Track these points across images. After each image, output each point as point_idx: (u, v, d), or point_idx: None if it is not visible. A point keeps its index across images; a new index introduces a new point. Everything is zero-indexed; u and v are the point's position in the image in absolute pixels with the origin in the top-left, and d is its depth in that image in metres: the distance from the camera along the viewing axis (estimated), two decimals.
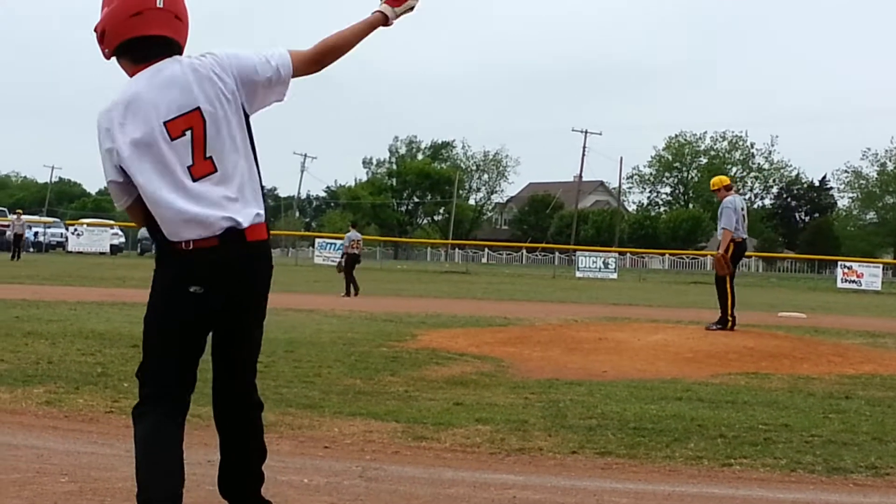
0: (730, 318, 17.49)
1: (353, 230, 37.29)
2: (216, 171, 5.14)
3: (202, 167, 5.10)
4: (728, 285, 17.66)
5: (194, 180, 5.08)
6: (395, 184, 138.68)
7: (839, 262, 67.23)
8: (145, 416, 5.16)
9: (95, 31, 5.21)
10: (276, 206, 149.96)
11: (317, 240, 78.84)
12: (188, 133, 5.07)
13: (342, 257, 35.57)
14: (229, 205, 5.14)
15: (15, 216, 60.31)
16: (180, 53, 5.26)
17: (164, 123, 5.03)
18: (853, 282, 61.60)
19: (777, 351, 15.30)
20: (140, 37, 5.12)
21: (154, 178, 5.03)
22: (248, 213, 5.20)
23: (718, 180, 18.89)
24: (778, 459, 8.21)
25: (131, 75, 5.16)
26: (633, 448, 8.53)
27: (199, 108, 5.09)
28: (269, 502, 5.66)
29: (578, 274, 65.96)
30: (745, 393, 11.74)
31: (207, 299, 5.12)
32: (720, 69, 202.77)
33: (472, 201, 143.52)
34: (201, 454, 7.07)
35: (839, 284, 61.87)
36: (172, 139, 5.05)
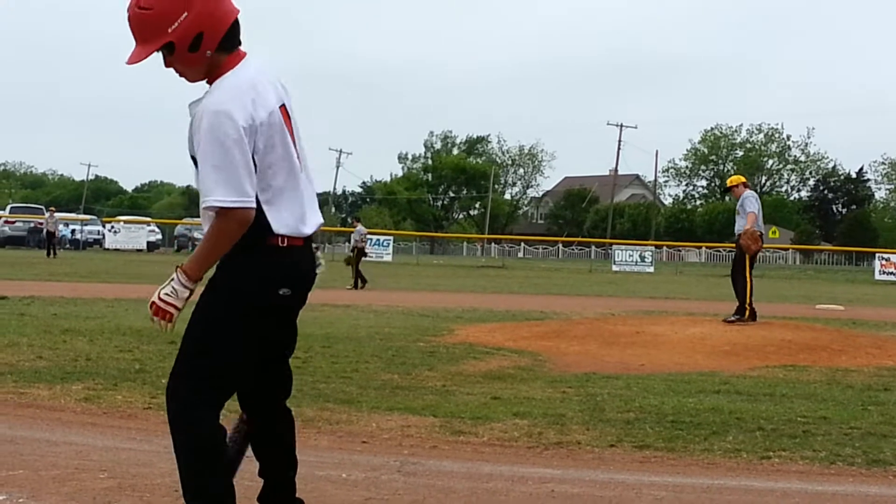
0: (748, 308, 17.39)
1: (360, 225, 37.51)
2: (303, 165, 5.15)
3: (299, 160, 5.11)
4: (748, 275, 17.57)
5: (300, 171, 5.08)
6: (430, 179, 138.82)
7: (877, 254, 66.82)
8: (207, 420, 5.04)
9: (179, 43, 4.88)
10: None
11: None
12: (288, 123, 5.08)
13: (352, 251, 35.65)
14: (315, 205, 5.17)
15: (48, 214, 60.58)
16: None
17: (280, 109, 5.02)
18: (891, 273, 61.19)
19: (815, 343, 15.23)
20: (235, 20, 5.04)
21: (277, 159, 4.97)
22: (319, 216, 5.22)
23: (736, 178, 19.01)
24: (817, 452, 8.18)
25: (221, 70, 5.01)
26: (671, 441, 8.51)
27: (284, 105, 5.09)
28: (302, 501, 5.63)
29: (615, 268, 65.80)
30: (783, 385, 11.70)
31: (292, 303, 5.11)
32: (756, 62, 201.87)
33: (507, 196, 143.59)
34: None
35: (877, 276, 61.49)
36: (287, 128, 5.04)
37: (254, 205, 4.83)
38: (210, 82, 5.01)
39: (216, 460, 5.04)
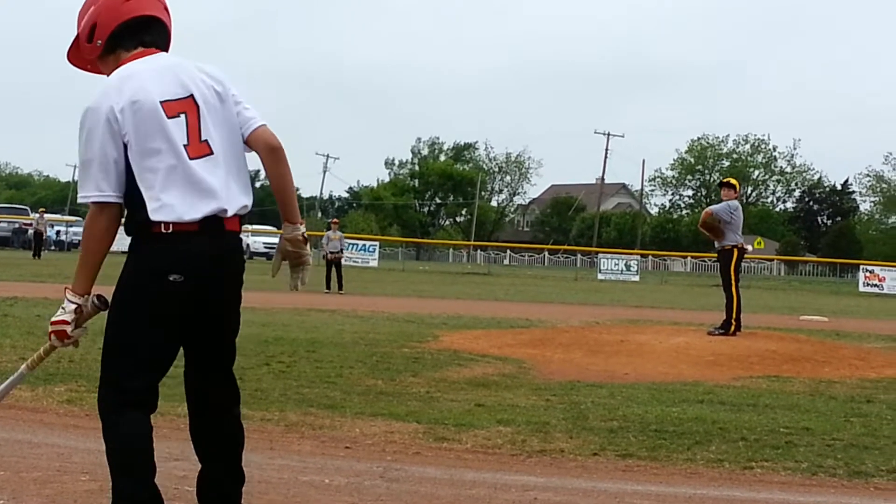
0: (733, 323, 17.45)
1: (337, 230, 37.69)
2: (212, 153, 5.08)
3: (198, 148, 5.04)
4: (734, 290, 17.65)
5: (190, 159, 5.00)
6: (417, 185, 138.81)
7: (861, 266, 66.89)
8: (129, 421, 5.02)
9: (80, 34, 5.19)
10: (298, 206, 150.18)
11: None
12: (182, 116, 5.02)
13: (334, 254, 35.59)
14: (219, 189, 5.07)
15: (38, 214, 60.50)
16: (167, 50, 5.27)
17: (160, 102, 4.98)
18: (875, 286, 61.29)
19: (799, 354, 15.26)
20: (136, 18, 5.13)
21: (151, 147, 4.94)
22: (237, 203, 5.16)
23: (736, 182, 19.12)
24: (799, 463, 8.20)
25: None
26: (654, 450, 8.52)
27: (192, 96, 5.07)
28: None
29: (600, 276, 65.81)
30: (767, 396, 11.72)
31: (186, 289, 4.99)
32: (744, 73, 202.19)
33: (494, 203, 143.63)
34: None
35: (861, 288, 61.58)
36: (168, 118, 4.99)
37: (110, 199, 4.92)
38: None
39: (137, 463, 5.02)
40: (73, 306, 5.08)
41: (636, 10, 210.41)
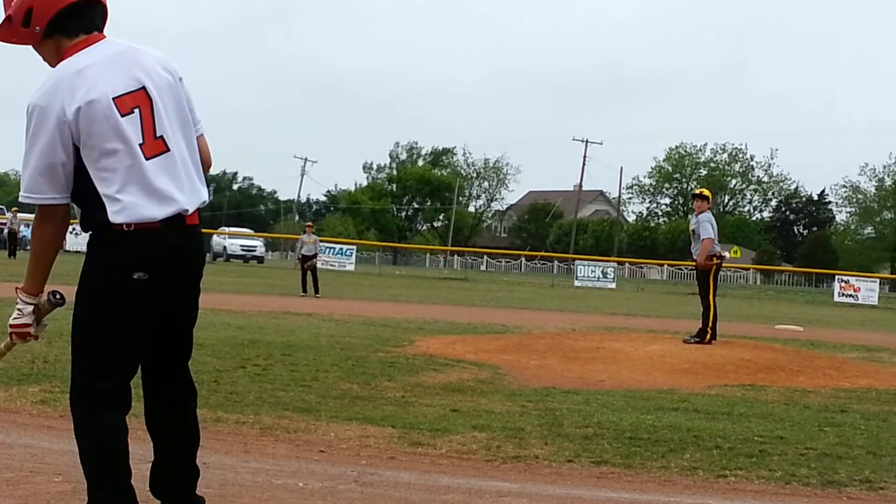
0: (709, 331, 17.53)
1: (312, 233, 37.64)
2: (168, 150, 5.02)
3: (154, 146, 4.97)
4: (711, 300, 17.74)
5: (147, 158, 4.94)
6: (395, 189, 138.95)
7: (836, 276, 67.09)
8: (102, 423, 5.01)
9: (13, 16, 4.92)
10: (275, 209, 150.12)
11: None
12: (136, 111, 4.93)
13: (307, 257, 35.51)
14: (178, 187, 5.04)
15: (11, 214, 60.20)
16: (103, 30, 5.11)
17: (113, 99, 4.88)
18: (850, 296, 61.51)
19: (773, 363, 15.30)
20: (76, 3, 4.95)
21: (106, 147, 4.86)
22: (196, 199, 5.12)
23: (708, 192, 19.20)
24: (773, 472, 8.21)
25: (62, 57, 4.97)
26: (628, 458, 8.53)
27: (144, 88, 4.99)
28: (202, 498, 5.60)
29: (577, 283, 65.88)
30: (741, 405, 11.74)
31: (151, 286, 4.96)
32: (722, 82, 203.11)
33: (471, 208, 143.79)
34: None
35: (836, 298, 61.77)
36: (122, 115, 4.89)
37: (57, 202, 4.87)
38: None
39: (113, 467, 5.00)
40: (30, 307, 5.07)
41: (616, 19, 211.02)
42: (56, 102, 4.81)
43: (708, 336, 17.44)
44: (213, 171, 5.39)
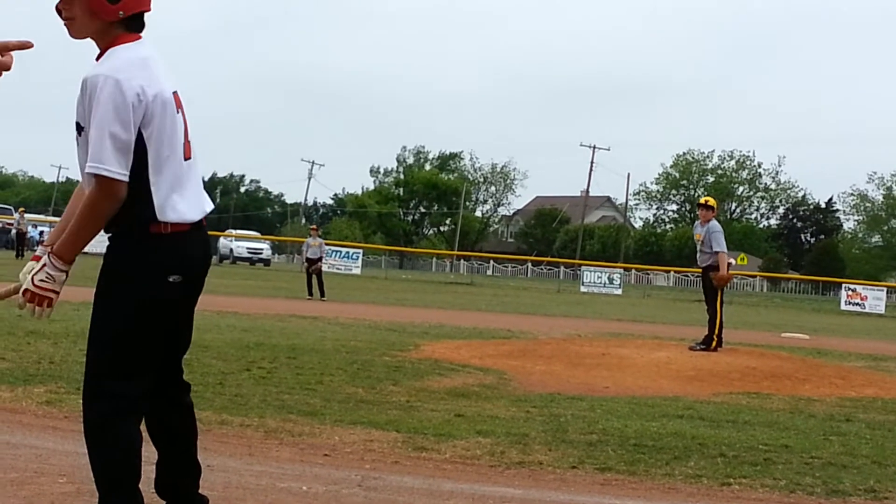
0: (715, 339, 17.53)
1: (317, 236, 37.67)
2: (192, 156, 5.09)
3: (188, 149, 5.05)
4: (718, 307, 17.75)
5: (184, 160, 5.01)
6: (402, 193, 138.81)
7: (843, 285, 66.99)
8: (123, 429, 4.99)
9: None
10: (282, 212, 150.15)
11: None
12: (180, 112, 5.02)
13: (312, 260, 35.55)
14: (201, 192, 5.14)
15: (18, 214, 60.32)
16: None
17: (173, 94, 4.98)
18: (857, 304, 61.41)
19: (779, 371, 15.29)
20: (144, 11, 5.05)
21: (166, 141, 4.91)
22: (208, 205, 5.18)
23: (714, 202, 19.21)
24: (777, 480, 8.20)
25: (112, 44, 4.96)
26: (633, 465, 8.52)
27: (177, 92, 5.06)
28: (206, 498, 5.60)
29: (583, 289, 65.84)
30: (746, 413, 11.73)
31: (182, 289, 5.03)
32: (730, 88, 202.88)
33: (478, 213, 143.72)
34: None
35: (843, 307, 61.65)
36: (177, 111, 4.99)
37: (122, 178, 4.77)
38: (102, 51, 4.97)
39: (131, 475, 5.00)
40: (63, 276, 4.93)
41: (625, 25, 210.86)
42: (134, 80, 4.79)
43: (714, 343, 17.45)
44: (220, 173, 5.43)
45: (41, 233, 74.20)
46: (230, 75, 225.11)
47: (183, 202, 4.95)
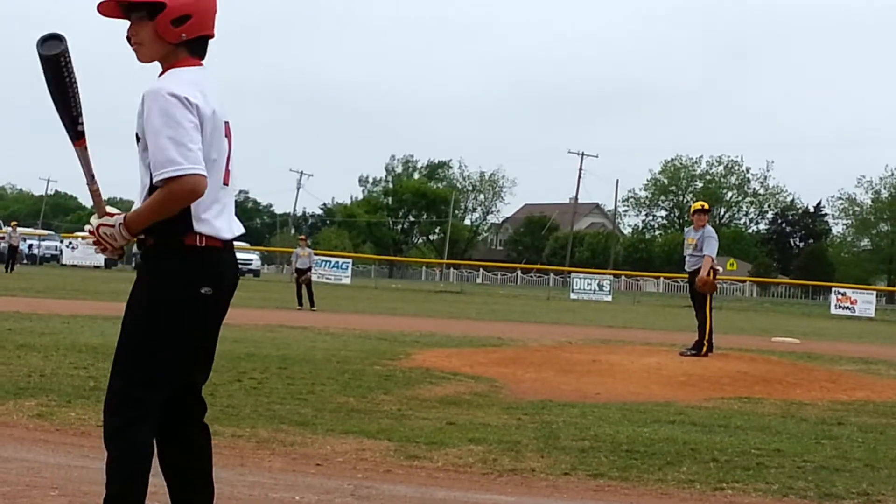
0: (705, 344, 17.53)
1: (306, 246, 37.65)
2: (230, 184, 5.19)
3: (227, 175, 5.15)
4: (708, 312, 17.75)
5: (224, 185, 5.12)
6: (390, 202, 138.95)
7: (833, 289, 67.16)
8: (145, 438, 5.05)
9: (167, 6, 4.97)
10: (271, 222, 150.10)
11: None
12: (226, 140, 5.14)
13: (307, 271, 35.54)
14: (234, 217, 5.21)
15: (10, 228, 60.20)
16: None
17: (225, 123, 5.11)
18: (847, 308, 61.52)
19: (770, 376, 15.31)
20: (208, 35, 5.19)
21: (217, 160, 5.03)
22: (240, 228, 5.25)
23: (707, 206, 19.23)
24: (770, 484, 8.21)
25: (172, 66, 5.07)
26: (625, 471, 8.52)
27: (228, 122, 5.17)
28: None
29: (573, 296, 65.90)
30: (738, 417, 11.74)
31: (214, 301, 5.09)
32: (717, 94, 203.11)
33: (467, 221, 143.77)
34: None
35: (833, 310, 61.79)
36: (225, 137, 5.12)
37: (206, 173, 4.83)
38: (164, 70, 5.09)
39: (142, 483, 5.05)
40: (125, 242, 5.01)
41: (611, 32, 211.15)
42: (191, 95, 4.89)
43: (704, 348, 17.45)
44: None
45: (30, 246, 74.24)
46: (217, 86, 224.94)
47: (218, 219, 5.04)
